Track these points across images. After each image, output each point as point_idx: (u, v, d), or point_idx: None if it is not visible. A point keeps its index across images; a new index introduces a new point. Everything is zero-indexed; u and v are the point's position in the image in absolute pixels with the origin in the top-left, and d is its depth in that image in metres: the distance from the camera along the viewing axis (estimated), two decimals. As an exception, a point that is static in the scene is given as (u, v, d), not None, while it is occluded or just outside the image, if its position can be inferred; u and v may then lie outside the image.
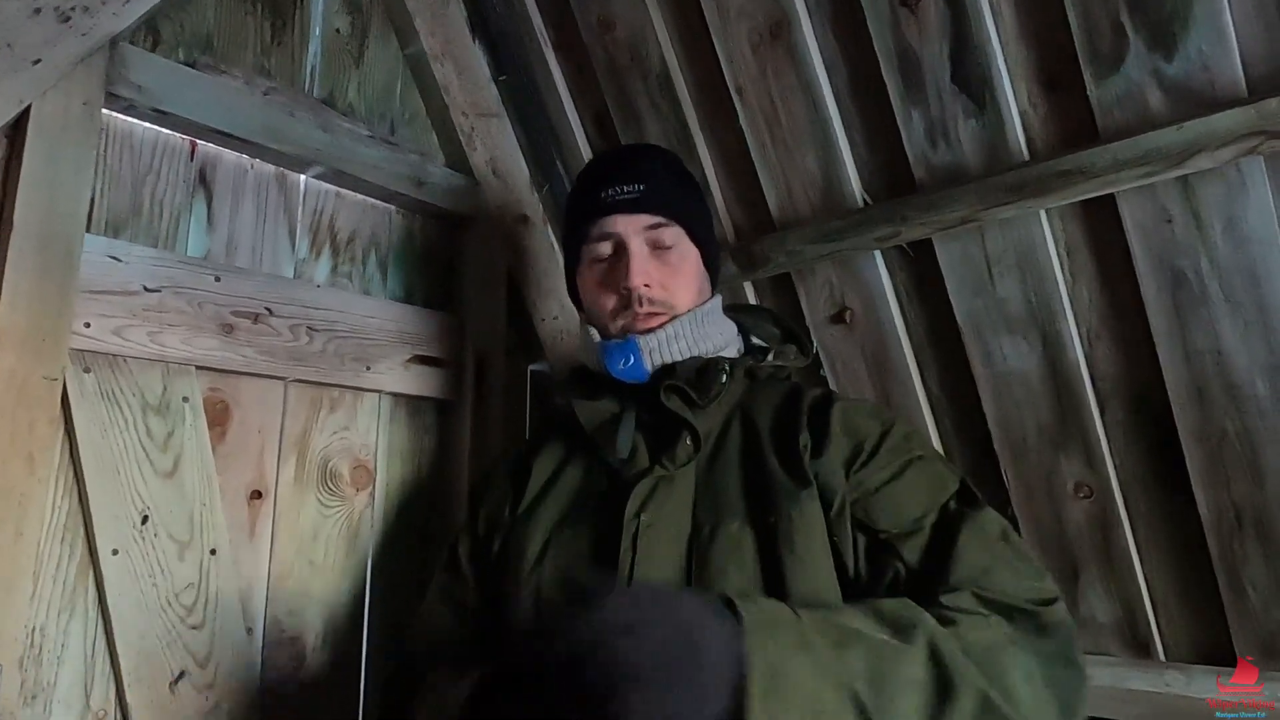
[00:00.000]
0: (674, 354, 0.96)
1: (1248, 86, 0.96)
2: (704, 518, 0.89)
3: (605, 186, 0.99)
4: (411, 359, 1.36)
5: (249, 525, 1.15)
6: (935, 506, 0.86)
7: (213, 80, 1.16)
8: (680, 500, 0.90)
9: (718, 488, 0.91)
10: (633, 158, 1.06)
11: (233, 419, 1.15)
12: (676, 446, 0.92)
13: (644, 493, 0.90)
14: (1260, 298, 0.99)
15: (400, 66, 1.46)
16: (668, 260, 0.98)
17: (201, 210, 1.17)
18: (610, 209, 0.98)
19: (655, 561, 0.86)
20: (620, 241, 0.98)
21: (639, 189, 0.98)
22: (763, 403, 0.98)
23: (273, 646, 1.15)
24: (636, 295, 0.96)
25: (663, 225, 0.98)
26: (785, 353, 1.05)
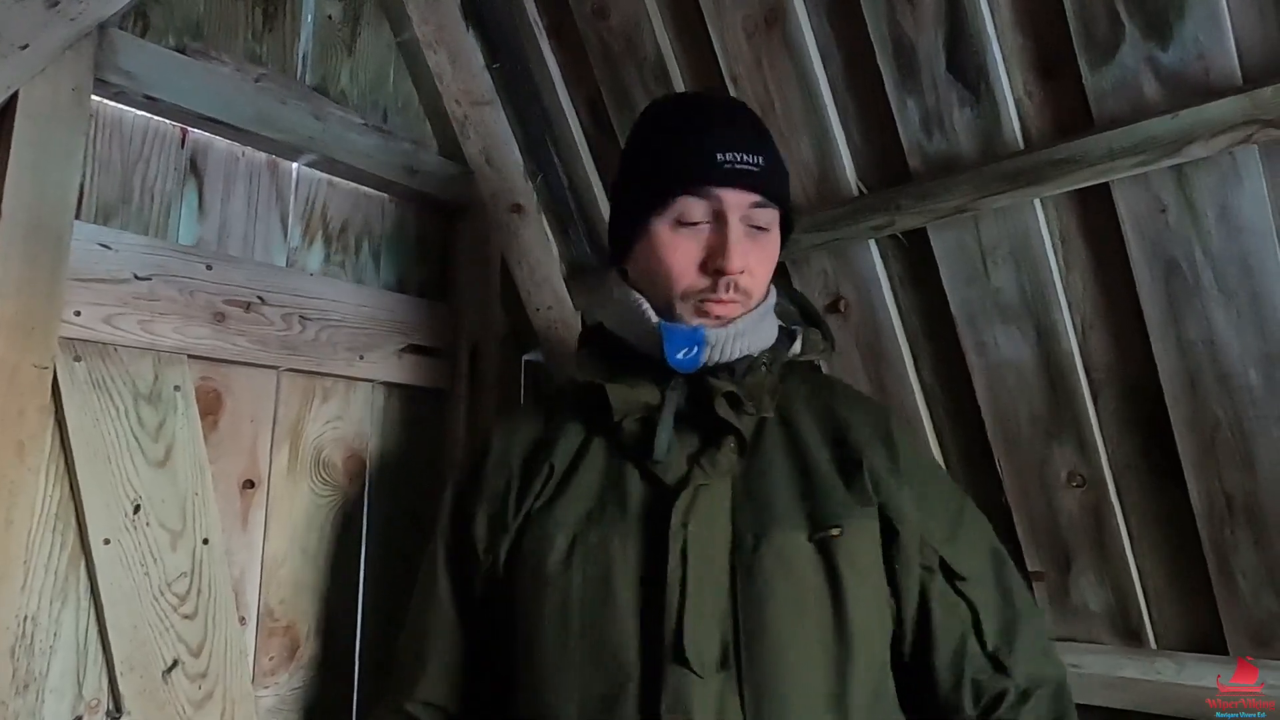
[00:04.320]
0: (734, 351, 0.88)
1: (1242, 75, 0.96)
2: (745, 526, 0.83)
3: (722, 148, 0.85)
4: (405, 348, 1.36)
5: (241, 514, 1.15)
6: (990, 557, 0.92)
7: (203, 67, 1.15)
8: (719, 507, 0.83)
9: (758, 493, 0.85)
10: (749, 120, 0.93)
11: (225, 408, 1.15)
12: (719, 452, 0.85)
13: (687, 500, 0.83)
14: (1253, 287, 0.99)
15: (393, 54, 1.45)
16: (759, 244, 0.88)
17: (193, 198, 1.16)
18: (726, 179, 0.85)
19: (705, 575, 0.80)
20: (721, 214, 0.86)
21: (759, 163, 0.86)
22: (796, 397, 0.93)
23: (266, 636, 1.15)
24: (729, 281, 0.85)
25: (765, 207, 0.88)
26: (812, 341, 0.99)
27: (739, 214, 0.86)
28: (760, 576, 0.80)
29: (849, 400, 0.97)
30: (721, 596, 0.80)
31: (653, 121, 0.95)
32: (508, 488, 0.93)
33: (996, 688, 0.87)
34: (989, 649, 0.88)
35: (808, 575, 0.81)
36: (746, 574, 0.80)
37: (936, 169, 1.18)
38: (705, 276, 0.86)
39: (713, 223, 0.86)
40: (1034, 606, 0.93)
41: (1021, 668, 0.88)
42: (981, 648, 0.88)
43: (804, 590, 0.81)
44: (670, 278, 0.87)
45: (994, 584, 0.90)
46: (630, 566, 0.82)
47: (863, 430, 0.92)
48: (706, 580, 0.80)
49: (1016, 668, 0.87)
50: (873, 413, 0.96)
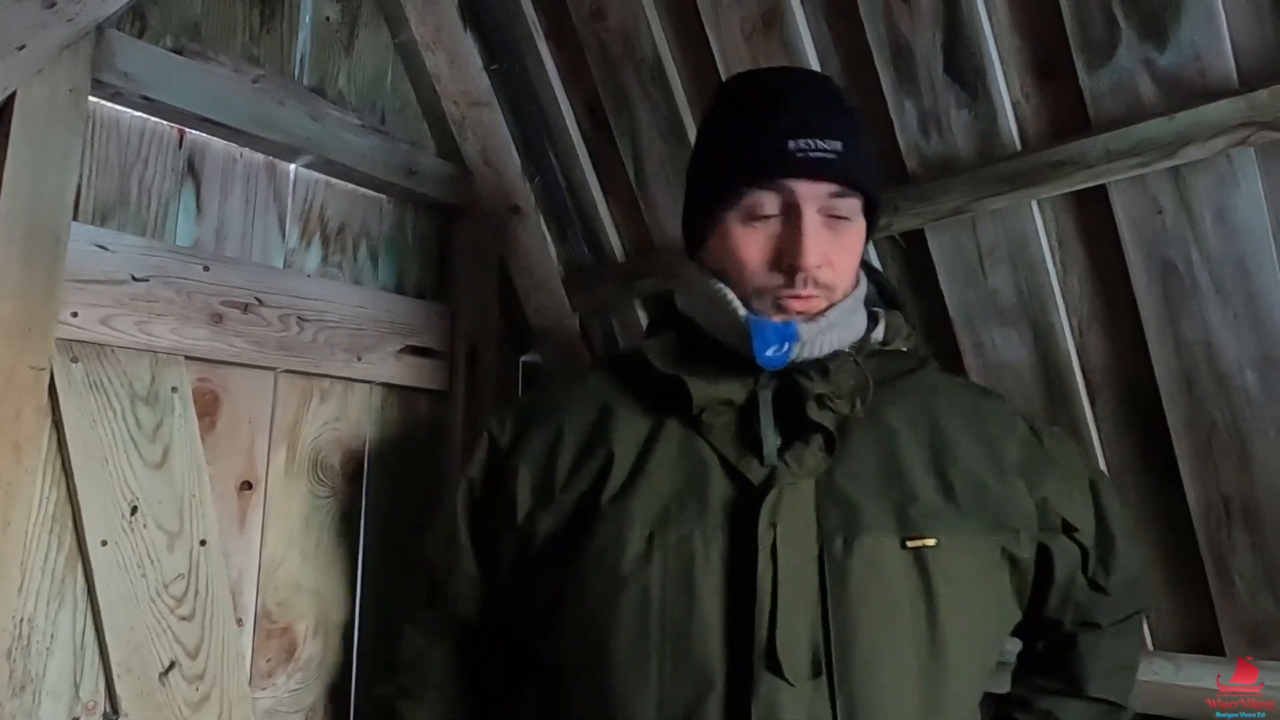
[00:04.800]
0: (825, 346, 0.81)
1: (1239, 77, 0.96)
2: (832, 528, 0.77)
3: (795, 134, 0.77)
4: (403, 349, 1.36)
5: (239, 516, 1.15)
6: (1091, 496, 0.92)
7: (201, 68, 1.15)
8: (804, 507, 0.78)
9: (845, 495, 0.79)
10: (829, 98, 0.84)
11: (222, 409, 1.14)
12: (806, 450, 0.79)
13: (775, 500, 0.77)
14: (1249, 289, 0.99)
15: (391, 55, 1.45)
16: (840, 234, 0.80)
17: (190, 199, 1.16)
18: (797, 169, 0.77)
19: (794, 578, 0.75)
20: (794, 206, 0.78)
21: (837, 150, 0.77)
22: (886, 390, 0.86)
23: (263, 637, 1.15)
24: (805, 276, 0.78)
25: (846, 196, 0.79)
26: (895, 327, 0.91)
27: (815, 205, 0.78)
28: (852, 581, 0.75)
29: (950, 394, 0.90)
30: (811, 601, 0.75)
31: (723, 103, 0.88)
32: (554, 451, 0.86)
33: (1093, 604, 0.92)
34: (1089, 575, 0.91)
35: (899, 583, 0.76)
36: (837, 578, 0.76)
37: (934, 170, 1.18)
38: (779, 273, 0.79)
39: (785, 215, 0.79)
40: (1128, 530, 0.94)
41: (1116, 585, 0.91)
42: (1085, 577, 0.90)
43: (896, 599, 0.76)
44: (743, 275, 0.81)
45: (1096, 521, 0.91)
46: (714, 568, 0.77)
47: (971, 429, 0.85)
48: (796, 583, 0.75)
49: (1112, 585, 0.91)
50: (979, 406, 0.90)
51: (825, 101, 0.83)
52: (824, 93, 0.84)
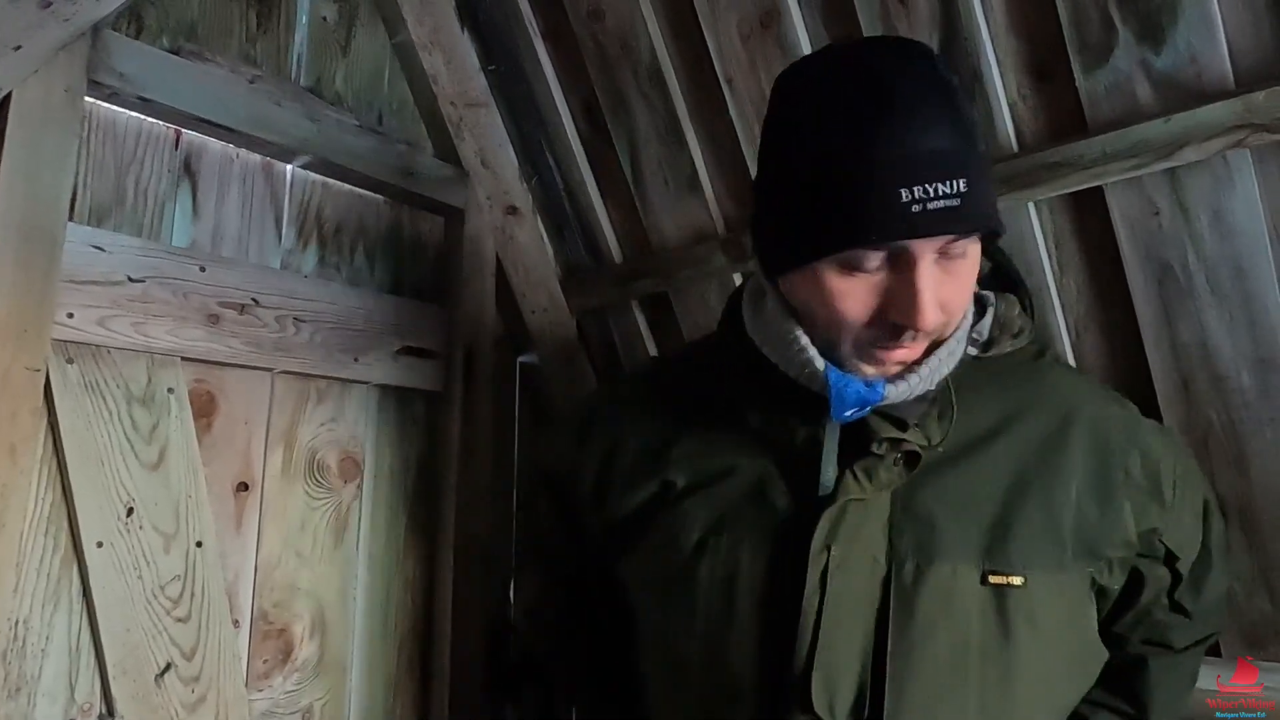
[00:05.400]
0: (918, 392, 0.70)
1: (1235, 79, 0.96)
2: (904, 551, 0.69)
3: (908, 180, 0.61)
4: (400, 350, 1.36)
5: (235, 517, 1.15)
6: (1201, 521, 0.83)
7: (197, 68, 1.15)
8: (874, 527, 0.70)
9: (925, 513, 0.70)
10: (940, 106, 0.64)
11: (219, 410, 1.14)
12: (881, 462, 0.71)
13: (834, 517, 0.70)
14: (1246, 290, 1.00)
15: (388, 55, 1.45)
16: (955, 271, 0.66)
17: (186, 200, 1.15)
18: (914, 228, 0.61)
19: (846, 606, 0.68)
20: (907, 258, 0.64)
21: (959, 189, 0.61)
22: (985, 392, 0.75)
23: (260, 639, 1.15)
24: (913, 333, 0.66)
25: (966, 238, 0.65)
26: (1008, 319, 0.78)
27: (931, 255, 0.64)
28: (919, 614, 0.67)
29: (1070, 399, 0.77)
30: (865, 633, 0.68)
31: (807, 109, 0.68)
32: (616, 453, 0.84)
33: (1171, 624, 0.84)
34: (1175, 598, 0.82)
35: (973, 624, 0.67)
36: (903, 609, 0.68)
37: (931, 172, 1.18)
38: (881, 327, 0.67)
39: (894, 267, 0.65)
40: (1222, 555, 0.85)
41: (1201, 608, 0.84)
42: (1170, 600, 0.82)
43: (967, 640, 0.67)
44: (837, 328, 0.68)
45: (1199, 548, 0.82)
46: (756, 583, 0.72)
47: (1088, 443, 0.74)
48: (848, 612, 0.68)
49: (1197, 608, 0.83)
50: (1102, 414, 0.77)
51: (941, 115, 0.63)
52: (937, 96, 0.64)
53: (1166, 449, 0.78)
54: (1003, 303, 0.79)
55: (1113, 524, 0.73)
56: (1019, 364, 0.78)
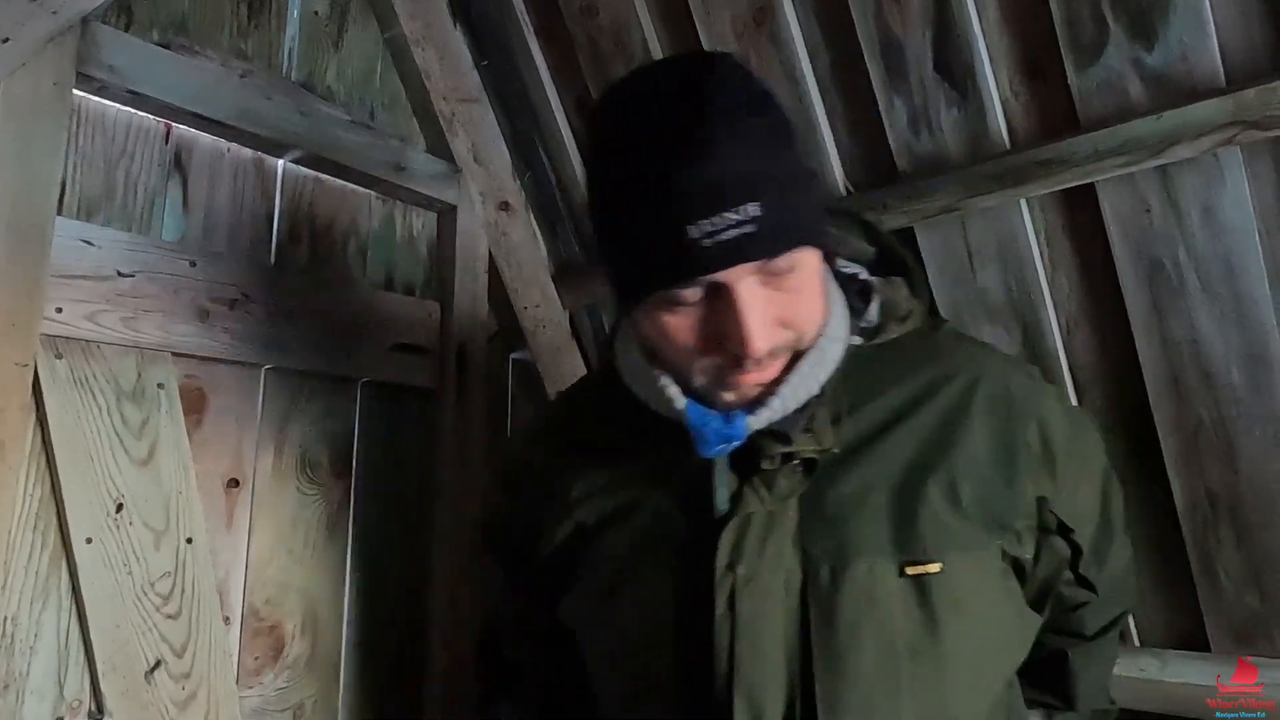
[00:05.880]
0: (790, 408, 0.67)
1: (1226, 77, 0.96)
2: (819, 555, 0.66)
3: (691, 215, 0.59)
4: (392, 347, 1.35)
5: (226, 514, 1.14)
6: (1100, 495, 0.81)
7: (188, 62, 1.14)
8: (782, 538, 0.67)
9: (836, 512, 0.68)
10: (725, 124, 0.60)
11: (209, 406, 1.14)
12: (779, 472, 0.68)
13: (735, 535, 0.67)
14: (1236, 287, 1.00)
15: (380, 50, 1.44)
16: (787, 287, 0.63)
17: (177, 194, 1.15)
18: (707, 263, 0.60)
19: (762, 624, 0.66)
20: (721, 288, 0.62)
21: (750, 215, 0.59)
22: (881, 380, 0.72)
23: (251, 636, 1.15)
24: (749, 360, 0.63)
25: (781, 256, 0.62)
26: (893, 303, 0.76)
27: (749, 280, 0.61)
28: (841, 620, 0.65)
29: (970, 370, 0.73)
30: (789, 649, 0.66)
31: (604, 148, 0.67)
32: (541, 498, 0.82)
33: (1077, 599, 0.82)
34: (1079, 571, 0.80)
35: (898, 619, 0.65)
36: (824, 618, 0.65)
37: (924, 168, 1.18)
38: (723, 356, 0.65)
39: (713, 298, 0.62)
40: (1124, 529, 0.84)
41: (1105, 582, 0.82)
42: (1075, 574, 0.80)
43: (894, 638, 0.65)
44: (681, 363, 0.67)
45: (1099, 521, 0.80)
46: (670, 617, 0.70)
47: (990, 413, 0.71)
48: (765, 631, 0.66)
49: (1101, 582, 0.81)
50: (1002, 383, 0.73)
51: (729, 138, 0.60)
52: (725, 119, 0.60)
53: (1063, 418, 0.75)
54: (888, 288, 0.77)
55: (1018, 494, 0.71)
56: (913, 345, 0.75)
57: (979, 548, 0.68)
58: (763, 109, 0.63)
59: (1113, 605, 0.85)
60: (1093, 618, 0.84)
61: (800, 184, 0.64)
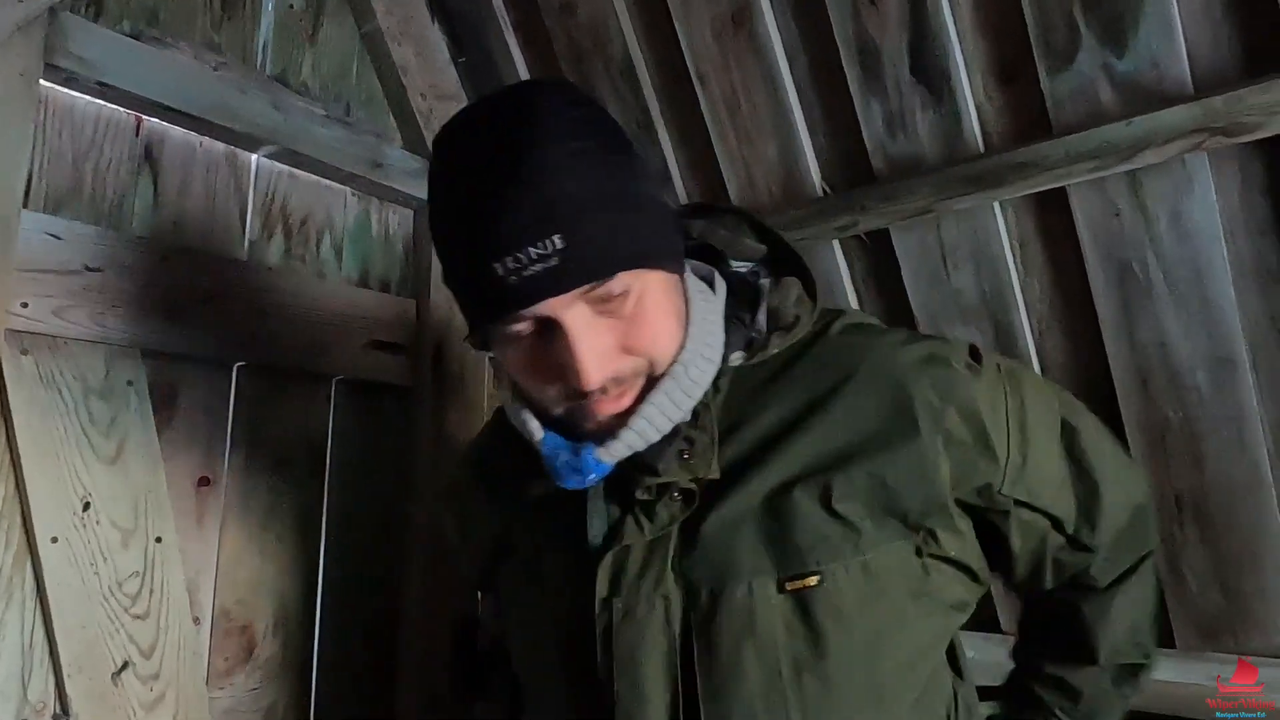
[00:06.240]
0: (651, 439, 0.65)
1: (1194, 84, 0.98)
2: (698, 581, 0.65)
3: (497, 254, 0.58)
4: (368, 344, 1.34)
5: (197, 512, 1.12)
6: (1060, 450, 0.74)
7: (159, 54, 1.12)
8: (660, 564, 0.65)
9: (713, 538, 0.65)
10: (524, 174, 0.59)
11: (180, 404, 1.12)
12: (655, 503, 0.66)
13: (612, 567, 0.66)
14: (1203, 291, 1.02)
15: (356, 45, 1.43)
16: (625, 313, 0.62)
17: (147, 188, 1.13)
18: (523, 293, 0.59)
19: (642, 657, 0.64)
20: (547, 321, 0.61)
21: (557, 246, 0.58)
22: (766, 395, 0.69)
23: (221, 636, 1.13)
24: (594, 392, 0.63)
25: (605, 282, 0.60)
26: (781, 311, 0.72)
27: (574, 309, 0.60)
28: (722, 648, 0.63)
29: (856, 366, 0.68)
30: (671, 679, 0.64)
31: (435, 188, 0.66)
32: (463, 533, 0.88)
33: (1079, 563, 0.77)
34: (1071, 534, 0.75)
35: (780, 638, 0.63)
36: (704, 644, 0.63)
37: (900, 170, 1.19)
38: (565, 387, 0.63)
39: (544, 330, 0.62)
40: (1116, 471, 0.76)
41: (1105, 538, 0.76)
42: (1062, 535, 0.75)
43: (777, 659, 0.63)
44: (533, 394, 0.67)
45: (1068, 476, 0.74)
46: (553, 654, 0.70)
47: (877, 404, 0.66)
48: (646, 663, 0.64)
49: (1099, 540, 0.75)
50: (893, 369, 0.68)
51: (533, 164, 0.59)
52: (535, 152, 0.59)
53: (986, 395, 0.69)
54: (777, 293, 0.72)
55: (927, 488, 0.65)
56: (799, 354, 0.71)
57: (869, 551, 0.64)
58: (583, 134, 0.62)
59: (1123, 554, 0.79)
60: (1102, 573, 0.78)
61: (624, 206, 0.61)
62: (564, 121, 0.61)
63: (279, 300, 1.21)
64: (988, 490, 0.69)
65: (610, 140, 0.64)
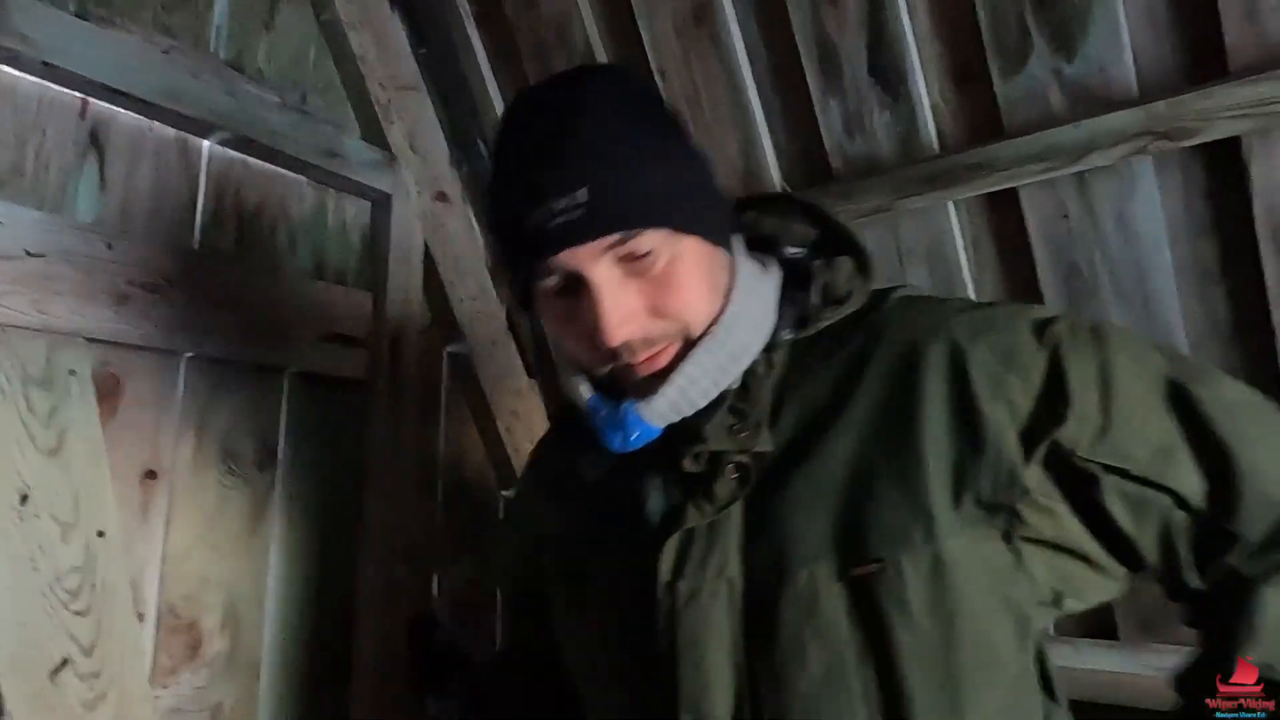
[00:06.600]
0: (695, 402, 0.66)
1: (1139, 89, 1.01)
2: (761, 566, 0.63)
3: (531, 200, 0.62)
4: (322, 336, 1.32)
5: (141, 506, 1.09)
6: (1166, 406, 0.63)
7: (107, 35, 1.09)
8: (727, 548, 0.64)
9: (776, 521, 0.63)
10: (561, 135, 0.63)
11: (125, 394, 1.09)
12: (716, 480, 0.65)
13: (676, 550, 0.65)
14: (1146, 291, 1.05)
15: (315, 33, 1.40)
16: (652, 274, 0.64)
17: (93, 173, 1.10)
18: (547, 243, 0.62)
19: (707, 640, 0.63)
20: (575, 275, 0.64)
21: (582, 199, 0.61)
22: (822, 370, 0.67)
23: (167, 633, 1.10)
24: (626, 346, 0.64)
25: (631, 237, 0.62)
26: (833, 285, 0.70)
27: (602, 263, 0.62)
28: (782, 633, 0.61)
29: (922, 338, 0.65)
30: (736, 664, 0.62)
31: (492, 153, 0.72)
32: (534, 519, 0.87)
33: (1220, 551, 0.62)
34: (1198, 510, 0.62)
35: (843, 628, 0.60)
36: (765, 636, 0.61)
37: (857, 170, 1.21)
38: (596, 348, 0.65)
39: (575, 288, 0.64)
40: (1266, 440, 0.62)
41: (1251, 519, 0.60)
42: (1189, 514, 0.62)
43: (840, 649, 0.60)
44: (570, 353, 0.70)
45: (1182, 443, 0.62)
46: (613, 642, 0.69)
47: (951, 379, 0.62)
48: (710, 647, 0.62)
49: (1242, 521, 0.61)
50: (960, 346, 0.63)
51: (563, 137, 0.62)
52: (564, 124, 0.63)
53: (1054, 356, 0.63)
54: (827, 270, 0.72)
55: (995, 462, 0.61)
56: (854, 326, 0.69)
57: (943, 539, 0.59)
58: (627, 104, 0.65)
59: None
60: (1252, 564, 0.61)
61: (656, 167, 0.63)
62: (610, 92, 0.66)
63: (230, 290, 1.19)
64: (1063, 454, 0.61)
65: (654, 114, 0.68)
